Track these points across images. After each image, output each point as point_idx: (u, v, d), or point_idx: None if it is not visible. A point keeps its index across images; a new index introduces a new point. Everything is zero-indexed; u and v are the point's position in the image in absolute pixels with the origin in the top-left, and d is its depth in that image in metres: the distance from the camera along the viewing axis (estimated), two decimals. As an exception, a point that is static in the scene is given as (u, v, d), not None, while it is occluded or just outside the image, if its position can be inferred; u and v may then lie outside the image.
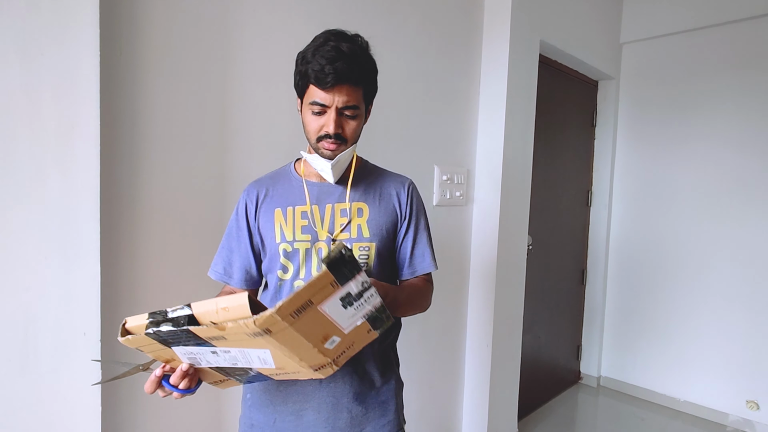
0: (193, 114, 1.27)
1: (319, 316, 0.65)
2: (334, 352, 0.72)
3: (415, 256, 1.04)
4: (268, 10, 1.40)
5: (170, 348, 0.70)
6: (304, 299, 0.62)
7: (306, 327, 0.64)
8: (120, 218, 1.15)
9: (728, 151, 2.75)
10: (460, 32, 2.08)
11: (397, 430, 1.04)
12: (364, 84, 0.92)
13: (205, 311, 0.65)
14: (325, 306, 0.64)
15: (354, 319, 0.69)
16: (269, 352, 0.68)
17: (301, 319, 0.63)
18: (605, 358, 3.29)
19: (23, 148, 0.97)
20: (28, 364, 1.00)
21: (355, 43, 0.89)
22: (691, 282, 2.88)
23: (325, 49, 0.85)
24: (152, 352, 0.72)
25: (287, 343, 0.65)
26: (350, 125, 0.92)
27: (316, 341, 0.68)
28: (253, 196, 1.01)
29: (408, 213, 1.03)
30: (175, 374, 0.75)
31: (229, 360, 0.72)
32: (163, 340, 0.67)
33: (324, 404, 0.96)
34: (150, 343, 0.68)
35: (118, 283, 1.16)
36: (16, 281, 0.98)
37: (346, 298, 0.66)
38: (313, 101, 0.88)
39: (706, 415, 2.83)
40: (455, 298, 2.21)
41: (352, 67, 0.86)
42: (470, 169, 2.21)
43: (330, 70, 0.84)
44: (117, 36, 1.12)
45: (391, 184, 1.05)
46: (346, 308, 0.67)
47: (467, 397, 2.31)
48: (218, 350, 0.69)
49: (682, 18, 2.85)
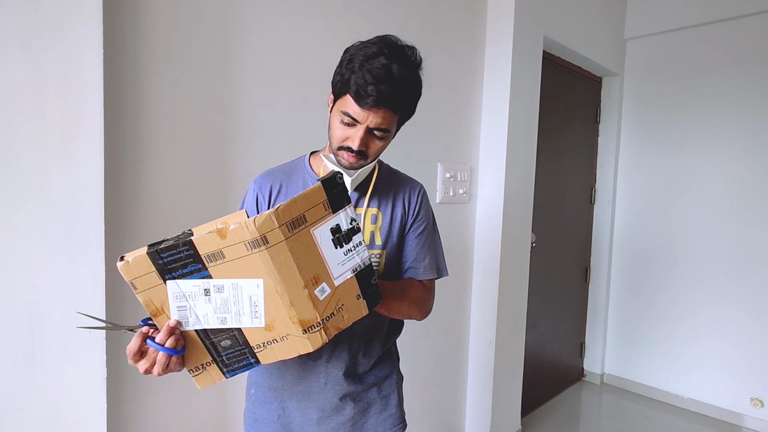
0: (196, 110, 1.27)
1: (312, 244, 0.67)
2: (323, 307, 0.71)
3: (416, 260, 1.00)
4: (271, 7, 1.40)
5: (164, 283, 0.68)
6: (298, 210, 0.64)
7: (299, 251, 0.66)
8: (124, 216, 1.16)
9: (733, 147, 2.74)
10: (463, 29, 2.07)
11: (399, 423, 1.04)
12: (402, 112, 0.88)
13: (204, 227, 0.66)
14: (317, 231, 0.66)
15: (344, 268, 0.71)
16: (262, 287, 0.68)
17: (295, 237, 0.64)
18: (609, 355, 3.29)
19: (27, 145, 0.97)
20: (33, 361, 1.00)
21: (407, 65, 0.84)
22: (695, 279, 2.87)
23: (374, 64, 0.80)
24: (145, 291, 0.69)
25: (281, 268, 0.66)
26: (376, 145, 0.88)
27: (308, 279, 0.68)
28: (266, 189, 0.97)
29: (414, 217, 1.01)
30: (162, 331, 0.71)
31: (220, 310, 0.70)
32: (161, 265, 0.66)
33: (327, 400, 0.96)
34: (147, 272, 0.66)
35: (122, 281, 1.16)
36: (22, 279, 0.98)
37: (337, 232, 0.68)
38: (346, 112, 0.84)
39: (710, 413, 2.82)
40: (459, 295, 2.21)
41: (397, 94, 0.82)
42: (473, 166, 2.21)
43: (373, 91, 0.79)
44: (120, 32, 1.12)
45: (402, 188, 1.02)
46: (336, 248, 0.69)
47: (470, 394, 2.31)
48: (212, 286, 0.68)
49: (686, 13, 2.83)
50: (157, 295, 0.69)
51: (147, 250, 0.66)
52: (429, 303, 1.02)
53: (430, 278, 1.01)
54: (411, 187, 1.03)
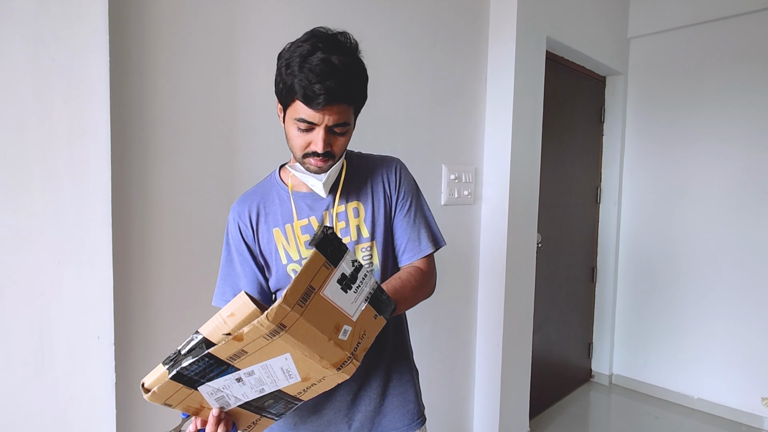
0: (202, 117, 1.28)
1: (325, 303, 0.66)
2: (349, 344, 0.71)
3: (410, 240, 0.97)
4: (276, 13, 1.41)
5: (197, 390, 0.69)
6: (304, 284, 0.63)
7: (316, 316, 0.65)
8: (131, 223, 1.16)
9: (739, 145, 2.72)
10: (466, 30, 2.07)
11: (418, 417, 1.03)
12: (355, 101, 0.85)
13: (214, 328, 0.64)
14: (327, 291, 0.66)
15: (358, 303, 0.70)
16: (290, 358, 0.68)
17: (309, 307, 0.63)
18: (617, 355, 3.26)
19: (35, 154, 0.98)
20: (43, 368, 1.01)
21: (345, 52, 0.80)
22: (702, 278, 2.85)
23: (313, 61, 0.77)
24: (180, 403, 0.71)
25: (304, 339, 0.65)
26: (339, 141, 0.86)
27: (330, 332, 0.68)
28: (246, 217, 0.95)
29: (398, 194, 0.98)
30: (209, 423, 0.72)
31: (256, 386, 0.71)
32: (188, 379, 0.66)
33: (344, 400, 0.96)
34: (176, 390, 0.67)
35: (130, 287, 1.17)
36: (31, 286, 0.99)
37: (343, 280, 0.67)
38: (300, 118, 0.81)
39: (720, 413, 2.80)
40: (465, 297, 2.21)
41: (346, 85, 0.78)
42: (478, 168, 2.20)
43: (320, 90, 0.76)
44: (126, 41, 1.13)
45: (379, 170, 0.99)
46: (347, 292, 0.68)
47: (478, 395, 2.30)
48: (242, 375, 0.68)
49: (690, 11, 2.82)
50: (193, 399, 0.71)
51: (169, 375, 0.66)
52: (432, 280, 0.99)
53: (429, 253, 0.99)
54: (386, 167, 0.99)
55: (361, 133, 1.68)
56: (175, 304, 1.24)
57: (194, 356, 0.64)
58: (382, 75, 1.72)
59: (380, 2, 1.70)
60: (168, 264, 1.23)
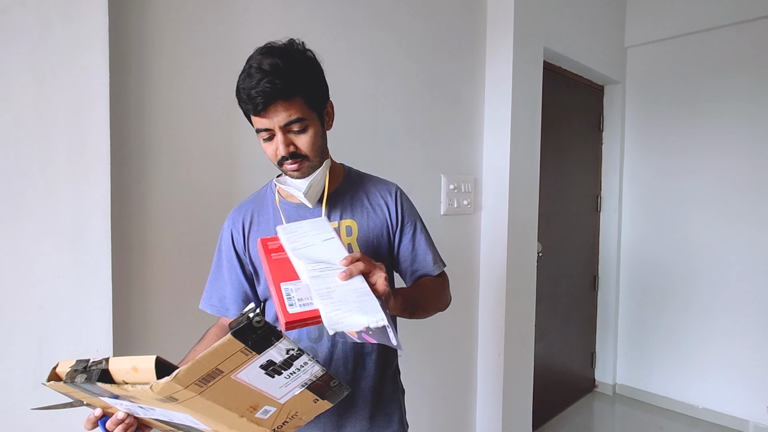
0: (202, 128, 1.29)
1: (237, 385, 0.59)
2: (271, 422, 0.66)
3: (417, 261, 1.00)
4: (276, 28, 1.42)
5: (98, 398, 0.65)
6: (208, 368, 0.55)
7: (223, 396, 0.58)
8: (130, 236, 1.17)
9: (738, 153, 2.72)
10: (464, 41, 2.09)
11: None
12: (300, 92, 0.83)
13: (119, 369, 0.60)
14: (243, 374, 0.58)
15: (289, 389, 0.63)
16: (192, 418, 0.62)
17: (212, 387, 0.57)
18: (620, 365, 3.24)
19: (36, 167, 0.99)
20: (42, 381, 1.01)
21: (279, 54, 0.82)
22: (705, 286, 2.84)
23: (249, 72, 0.81)
24: (84, 398, 0.66)
25: (204, 411, 0.59)
26: (302, 139, 0.86)
27: (242, 410, 0.62)
28: (239, 223, 0.97)
29: (400, 220, 0.99)
30: (111, 419, 0.69)
31: (162, 415, 0.65)
32: (84, 390, 0.61)
33: (329, 422, 0.95)
34: (75, 390, 0.63)
35: (129, 300, 1.17)
36: (30, 299, 0.99)
37: (269, 365, 0.59)
38: (258, 129, 0.85)
39: (726, 422, 2.77)
40: (466, 307, 2.20)
41: (275, 83, 0.79)
42: (477, 177, 2.21)
43: (257, 93, 0.79)
44: (126, 56, 1.14)
45: (377, 192, 1.00)
46: (274, 377, 0.60)
47: (480, 406, 2.28)
48: (144, 406, 0.63)
49: (687, 20, 2.84)
50: (97, 401, 0.67)
51: (65, 375, 0.62)
52: (449, 293, 1.05)
53: (440, 271, 1.03)
54: (386, 190, 1.01)
55: (361, 144, 1.70)
56: (173, 317, 1.24)
57: (87, 380, 0.59)
58: (381, 86, 1.74)
59: (378, 14, 1.72)
60: (167, 277, 1.23)
